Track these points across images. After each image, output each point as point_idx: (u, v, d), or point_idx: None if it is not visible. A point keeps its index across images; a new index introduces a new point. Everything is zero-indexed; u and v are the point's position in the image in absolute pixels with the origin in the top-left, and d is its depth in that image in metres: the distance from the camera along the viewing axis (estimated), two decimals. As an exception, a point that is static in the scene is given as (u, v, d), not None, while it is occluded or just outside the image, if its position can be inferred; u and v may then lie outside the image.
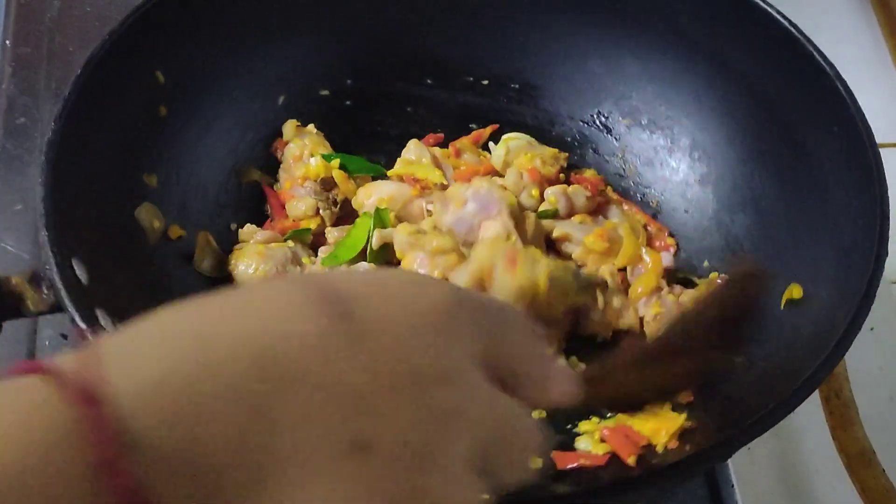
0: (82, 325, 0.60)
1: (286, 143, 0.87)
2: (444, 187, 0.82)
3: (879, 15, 1.14)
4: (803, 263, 0.71)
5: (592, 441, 0.69)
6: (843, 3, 1.16)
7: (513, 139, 0.87)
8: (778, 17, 0.74)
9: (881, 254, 0.60)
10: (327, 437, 0.30)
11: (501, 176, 0.84)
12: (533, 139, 0.88)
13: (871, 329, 0.90)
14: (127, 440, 0.28)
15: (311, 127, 0.88)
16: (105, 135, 0.75)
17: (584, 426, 0.70)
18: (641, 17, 0.84)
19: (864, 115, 0.68)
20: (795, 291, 0.69)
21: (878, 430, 0.82)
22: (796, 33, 0.73)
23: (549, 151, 0.87)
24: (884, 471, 0.80)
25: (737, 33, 0.78)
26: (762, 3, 0.75)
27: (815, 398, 0.81)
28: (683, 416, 0.67)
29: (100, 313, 0.64)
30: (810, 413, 0.82)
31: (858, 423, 0.83)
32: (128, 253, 0.74)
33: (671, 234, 0.84)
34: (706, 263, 0.82)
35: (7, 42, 1.01)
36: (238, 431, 0.29)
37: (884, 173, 0.64)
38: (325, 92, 0.90)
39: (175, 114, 0.81)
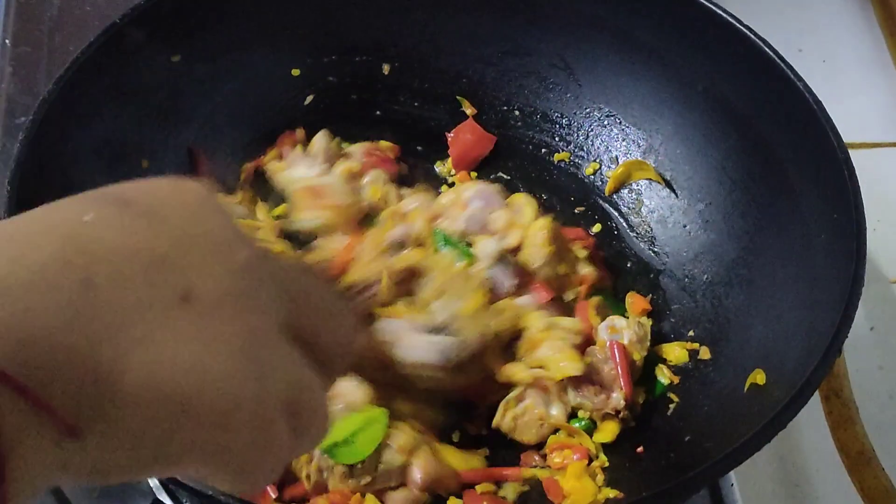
0: None
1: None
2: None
3: (879, 15, 1.14)
4: (774, 352, 0.72)
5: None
6: (843, 2, 1.16)
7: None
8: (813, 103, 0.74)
9: (829, 356, 0.63)
10: (152, 294, 0.34)
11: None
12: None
13: (871, 329, 0.90)
14: None
15: None
16: (108, 109, 0.76)
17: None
18: (682, 73, 0.84)
19: (864, 238, 0.68)
20: (759, 377, 0.71)
21: (878, 430, 0.82)
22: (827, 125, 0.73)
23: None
24: (884, 470, 0.80)
25: (776, 113, 0.78)
26: (798, 83, 0.75)
27: (815, 398, 0.81)
28: (604, 486, 0.71)
29: None
30: (810, 413, 0.82)
31: (858, 423, 0.83)
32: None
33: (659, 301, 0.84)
34: (691, 332, 0.81)
35: (7, 42, 1.01)
36: (67, 299, 0.32)
37: (859, 293, 0.65)
38: (354, 97, 0.92)
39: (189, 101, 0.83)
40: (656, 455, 0.74)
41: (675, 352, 0.79)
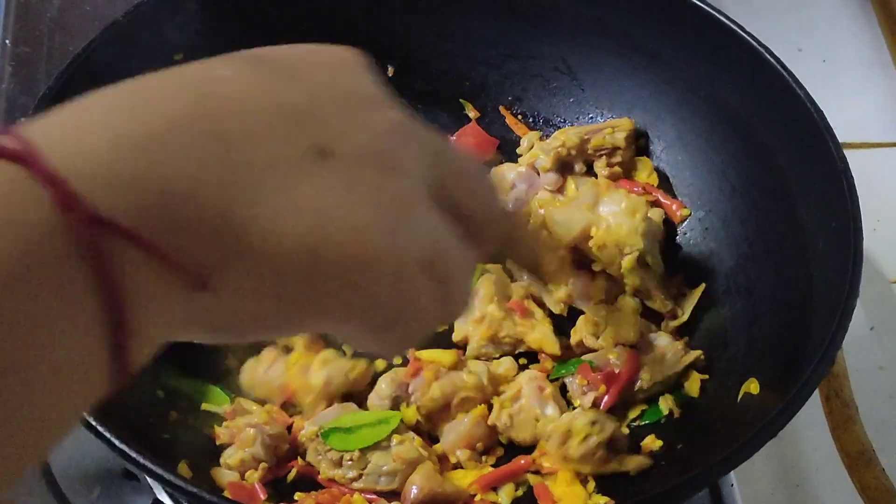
0: None
1: None
2: None
3: (879, 15, 1.14)
4: (769, 361, 0.72)
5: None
6: (843, 2, 1.16)
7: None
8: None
9: (826, 358, 0.63)
10: (286, 147, 0.34)
11: None
12: None
13: (871, 329, 0.90)
14: (78, 177, 0.29)
15: None
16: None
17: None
18: (684, 78, 0.84)
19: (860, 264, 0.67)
20: (753, 386, 0.71)
21: (878, 430, 0.82)
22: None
23: None
24: (884, 470, 0.80)
25: (777, 120, 0.78)
26: (799, 91, 0.75)
27: (815, 398, 0.82)
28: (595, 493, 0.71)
29: None
30: (810, 413, 0.82)
31: (858, 423, 0.83)
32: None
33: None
34: (687, 339, 0.79)
35: (7, 42, 1.01)
36: (198, 153, 0.32)
37: (854, 301, 0.65)
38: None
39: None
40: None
41: (691, 383, 0.77)
